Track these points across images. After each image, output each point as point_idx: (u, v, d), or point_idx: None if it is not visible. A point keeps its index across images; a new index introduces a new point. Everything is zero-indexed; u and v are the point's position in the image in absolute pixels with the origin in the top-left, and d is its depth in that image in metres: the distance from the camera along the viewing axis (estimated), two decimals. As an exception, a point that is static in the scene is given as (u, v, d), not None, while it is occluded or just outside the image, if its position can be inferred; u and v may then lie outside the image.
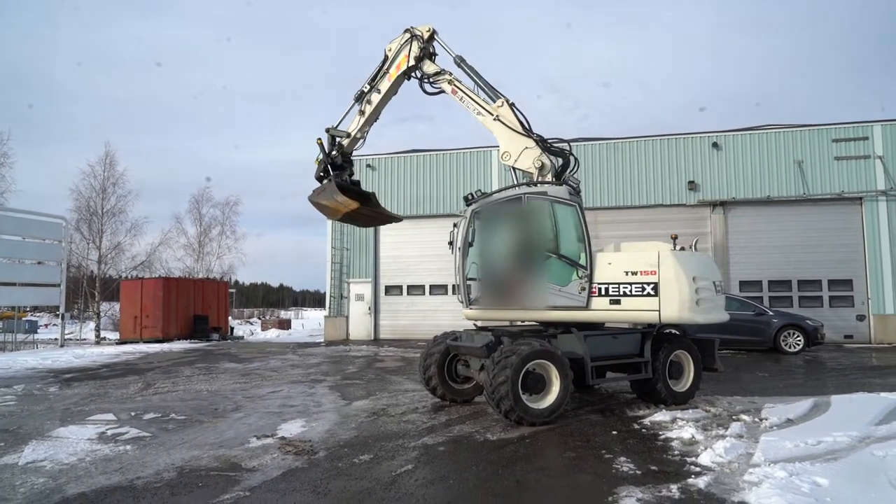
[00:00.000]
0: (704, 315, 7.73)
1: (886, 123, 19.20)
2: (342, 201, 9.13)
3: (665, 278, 7.52)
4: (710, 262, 8.74)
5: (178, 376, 12.20)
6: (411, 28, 9.26)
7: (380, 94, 9.43)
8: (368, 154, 23.18)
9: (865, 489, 4.55)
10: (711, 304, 7.87)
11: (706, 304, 7.72)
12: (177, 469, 5.50)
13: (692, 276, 7.54)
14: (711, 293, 7.89)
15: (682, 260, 7.66)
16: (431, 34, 9.21)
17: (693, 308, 7.54)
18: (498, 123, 8.68)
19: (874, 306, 18.72)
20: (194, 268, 36.24)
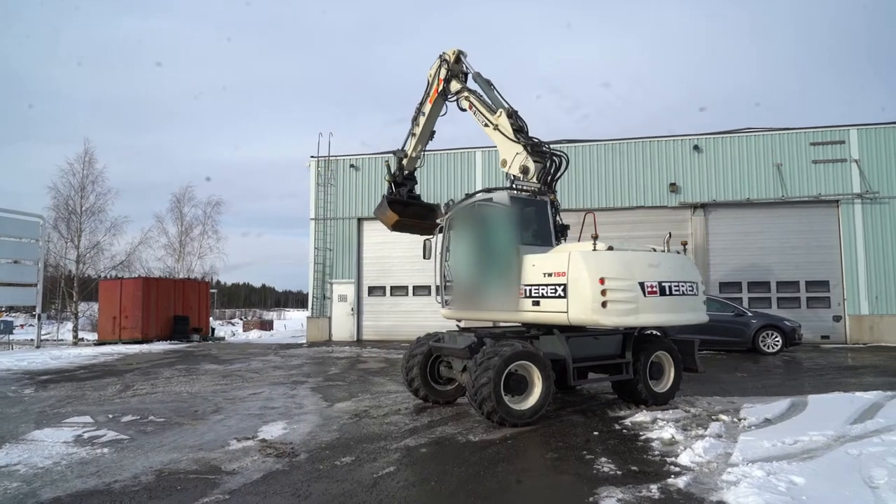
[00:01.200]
0: (614, 317, 7.31)
1: (862, 127, 19.56)
2: (388, 215, 10.71)
3: (571, 279, 7.35)
4: (644, 261, 7.80)
5: (158, 378, 12.05)
6: (442, 53, 10.08)
7: (425, 116, 10.45)
8: (352, 154, 23.11)
9: (840, 487, 4.62)
10: (628, 305, 7.37)
11: (618, 305, 7.29)
12: (155, 472, 5.43)
13: (598, 277, 7.23)
14: (629, 294, 7.38)
15: (590, 261, 7.36)
16: (457, 56, 9.96)
17: (597, 310, 7.19)
18: (497, 133, 9.15)
19: (850, 307, 19.05)
20: (175, 268, 35.82)
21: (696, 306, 8.31)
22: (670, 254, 8.29)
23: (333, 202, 22.88)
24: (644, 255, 7.98)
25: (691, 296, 8.19)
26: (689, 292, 8.16)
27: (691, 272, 8.40)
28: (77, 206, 28.91)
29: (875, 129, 19.50)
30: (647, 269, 7.71)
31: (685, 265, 8.41)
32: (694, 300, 8.24)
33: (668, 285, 7.80)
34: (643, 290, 7.50)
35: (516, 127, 8.96)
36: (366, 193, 22.70)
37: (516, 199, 8.32)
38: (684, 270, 8.24)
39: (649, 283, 7.58)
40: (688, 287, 8.13)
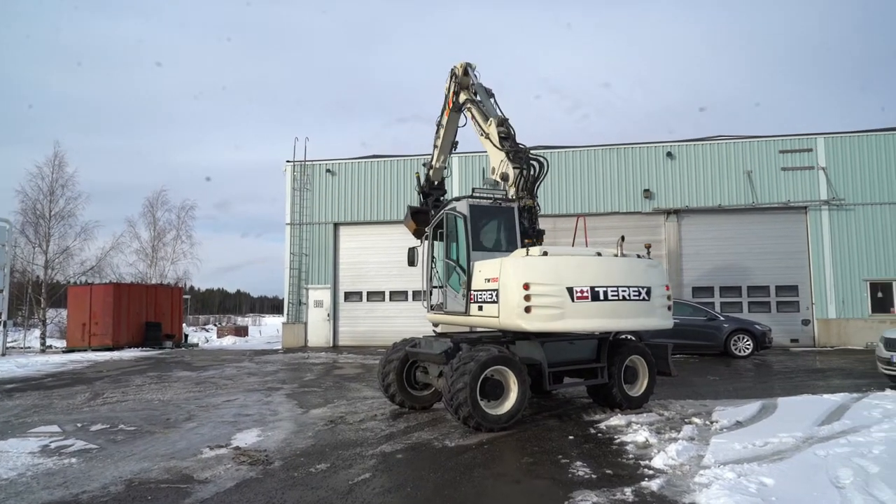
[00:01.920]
0: (537, 322, 7.30)
1: (829, 136, 20.08)
2: (409, 224, 11.12)
3: (502, 285, 7.48)
4: (577, 266, 7.66)
5: (129, 385, 11.82)
6: (452, 67, 10.39)
7: (444, 129, 10.79)
8: (328, 159, 23.01)
9: (808, 488, 4.72)
10: (553, 310, 7.31)
11: (542, 310, 7.28)
12: (125, 482, 5.32)
13: (523, 283, 7.27)
14: (554, 299, 7.31)
15: (518, 267, 7.42)
16: (465, 69, 10.20)
17: (521, 315, 7.23)
18: (487, 140, 9.46)
19: (818, 311, 19.50)
20: (147, 273, 35.16)
21: (648, 311, 7.97)
22: (620, 258, 8.06)
23: (309, 207, 22.73)
24: (580, 259, 7.77)
25: (637, 301, 7.86)
26: (635, 297, 7.83)
27: (643, 276, 8.02)
28: (46, 210, 28.21)
29: (841, 137, 20.04)
30: (580, 274, 7.56)
31: (635, 269, 8.03)
32: (643, 305, 7.91)
33: (604, 290, 7.58)
34: (571, 296, 7.38)
35: (504, 135, 9.12)
36: (342, 198, 22.62)
37: (476, 207, 8.53)
38: (632, 275, 7.93)
39: (579, 287, 7.44)
40: (633, 292, 7.82)
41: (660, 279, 8.25)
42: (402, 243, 23.22)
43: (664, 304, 8.25)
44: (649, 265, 8.26)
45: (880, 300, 19.36)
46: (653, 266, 8.30)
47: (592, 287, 7.52)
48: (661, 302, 8.17)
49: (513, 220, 8.55)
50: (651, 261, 8.40)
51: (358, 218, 22.51)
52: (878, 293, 19.38)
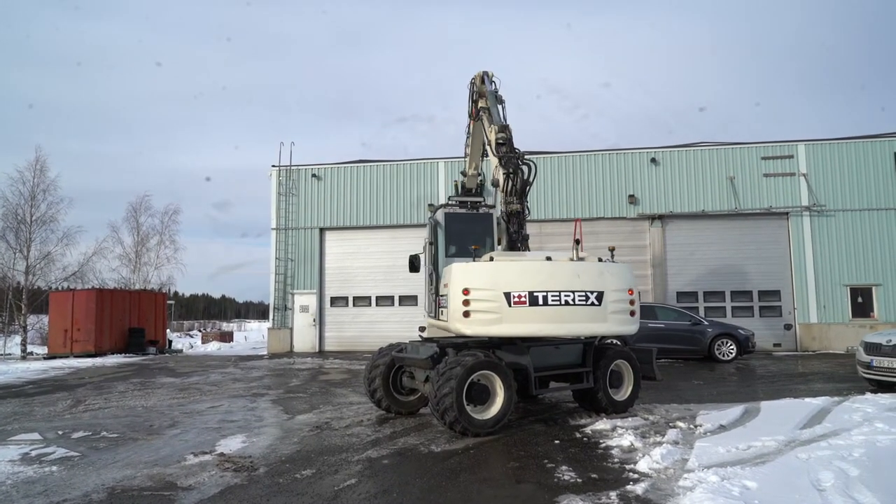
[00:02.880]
0: (476, 327, 7.42)
1: (809, 143, 20.39)
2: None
3: (449, 291, 7.62)
4: (517, 271, 7.66)
5: (111, 392, 11.68)
6: (472, 77, 10.52)
7: (471, 137, 10.91)
8: (314, 164, 22.94)
9: (790, 491, 4.78)
10: (490, 315, 7.40)
11: (480, 315, 7.40)
12: (107, 490, 5.26)
13: (463, 288, 7.43)
14: (491, 304, 7.40)
15: (461, 273, 7.58)
16: (482, 77, 10.32)
17: (461, 320, 7.40)
18: (489, 147, 9.55)
19: (800, 315, 19.75)
20: (130, 279, 34.78)
21: (599, 317, 7.72)
22: (568, 262, 7.89)
23: (295, 212, 22.64)
24: (522, 265, 7.77)
25: (584, 306, 7.66)
26: (581, 302, 7.65)
27: (595, 281, 7.77)
28: (27, 215, 27.84)
29: (822, 144, 20.35)
30: (520, 280, 7.55)
31: (585, 274, 7.79)
32: (592, 310, 7.68)
33: (544, 295, 7.50)
34: (508, 301, 7.41)
35: (502, 141, 9.12)
36: (328, 203, 22.55)
37: (451, 215, 8.77)
38: (580, 279, 7.72)
39: (517, 293, 7.43)
40: (579, 296, 7.64)
41: (618, 283, 7.92)
42: (389, 248, 23.26)
43: (623, 309, 7.90)
44: (606, 269, 7.95)
45: (860, 305, 19.65)
46: (611, 270, 7.97)
47: (531, 292, 7.46)
48: (618, 307, 7.85)
49: (490, 227, 8.59)
50: (611, 264, 8.10)
51: (344, 223, 22.46)
52: (859, 298, 19.67)
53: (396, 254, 21.28)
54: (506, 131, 9.29)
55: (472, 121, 10.76)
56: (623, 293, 7.94)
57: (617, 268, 8.10)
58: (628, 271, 8.19)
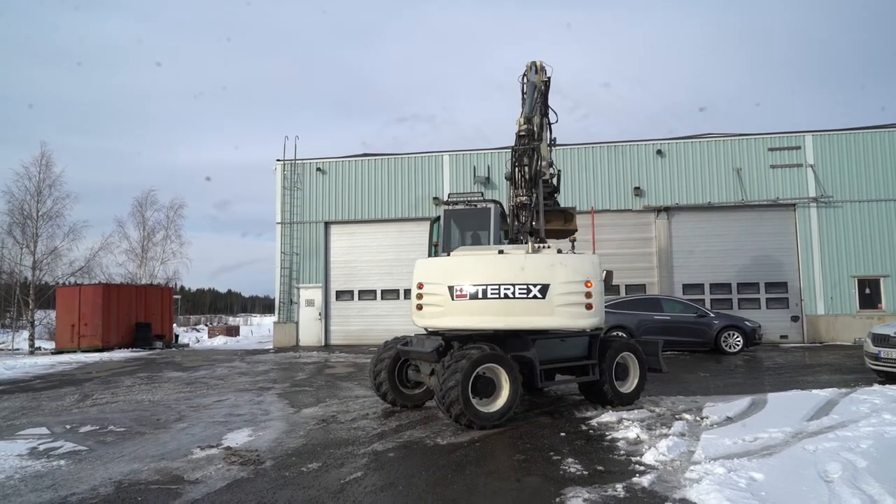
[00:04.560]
0: (426, 320, 7.91)
1: (817, 133, 20.23)
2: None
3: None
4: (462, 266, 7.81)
5: (119, 386, 11.74)
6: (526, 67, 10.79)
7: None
8: (319, 157, 22.94)
9: (797, 482, 4.75)
10: (437, 308, 7.72)
11: (428, 308, 7.79)
12: (115, 484, 5.28)
13: (418, 282, 7.92)
14: (437, 298, 7.72)
15: (419, 268, 8.05)
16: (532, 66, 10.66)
17: (416, 313, 7.94)
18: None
19: (807, 307, 19.65)
20: (137, 273, 34.91)
21: (543, 310, 7.51)
22: (514, 256, 7.75)
23: (300, 206, 22.66)
24: (468, 259, 7.86)
25: (526, 299, 7.51)
26: (521, 295, 7.52)
27: (541, 274, 7.54)
28: (33, 210, 27.94)
29: (829, 135, 20.19)
30: (464, 274, 7.70)
31: (531, 267, 7.60)
32: (535, 304, 7.50)
33: (483, 289, 7.56)
34: (451, 294, 7.65)
35: (523, 132, 9.11)
36: (333, 197, 22.56)
37: (450, 211, 8.78)
38: (524, 273, 7.56)
39: (459, 287, 7.63)
40: (520, 290, 7.52)
41: (570, 275, 7.58)
42: (394, 241, 23.28)
43: (575, 302, 7.57)
44: (557, 261, 7.65)
45: (868, 296, 19.53)
46: (564, 262, 7.66)
47: (473, 286, 7.61)
48: (568, 300, 7.54)
49: (487, 222, 8.51)
50: (566, 256, 7.79)
51: (349, 217, 22.47)
52: (866, 289, 19.56)
53: (402, 247, 21.31)
54: (530, 123, 9.23)
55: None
56: (576, 285, 7.56)
57: (573, 259, 7.77)
58: (587, 263, 7.77)
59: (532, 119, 9.33)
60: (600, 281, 7.77)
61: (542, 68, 10.83)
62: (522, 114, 9.34)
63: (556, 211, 11.94)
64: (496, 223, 8.42)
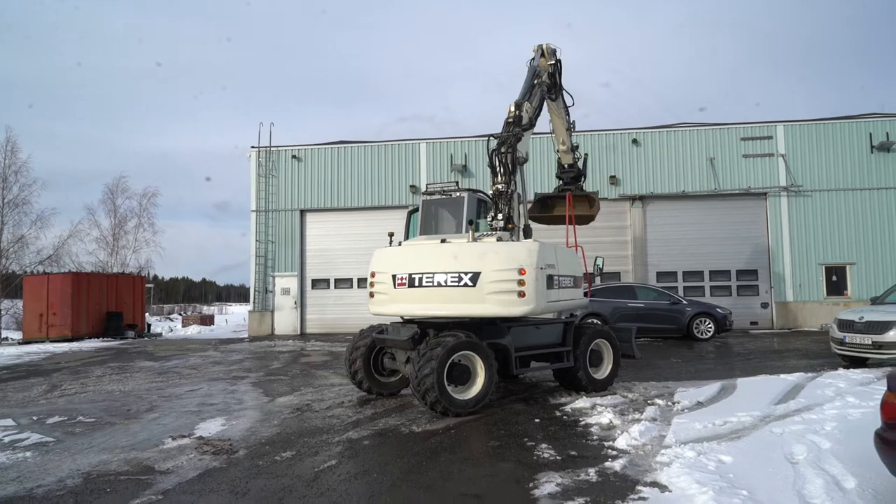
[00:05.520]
0: (376, 307, 8.28)
1: (788, 123, 20.55)
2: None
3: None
4: (404, 255, 8.12)
5: (88, 377, 11.52)
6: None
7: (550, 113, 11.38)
8: (294, 144, 22.64)
9: (764, 464, 4.86)
10: (384, 296, 8.14)
11: (378, 296, 8.23)
12: (83, 475, 5.19)
13: (371, 271, 8.34)
14: (384, 286, 8.10)
15: (374, 257, 8.43)
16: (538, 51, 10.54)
17: (370, 300, 8.34)
18: None
19: (776, 294, 20.06)
20: (108, 262, 34.28)
21: (474, 298, 7.44)
22: (448, 244, 7.83)
23: (275, 193, 22.39)
24: (410, 248, 8.22)
25: (457, 287, 7.50)
26: (453, 283, 7.52)
27: (473, 262, 7.49)
28: (-2, 197, 27.25)
29: (800, 125, 20.53)
30: (405, 263, 8.01)
31: (464, 255, 7.57)
32: (466, 292, 7.46)
33: (419, 277, 7.73)
34: (394, 283, 7.98)
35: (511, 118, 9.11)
36: (309, 184, 22.32)
37: (427, 201, 8.76)
38: (457, 261, 7.57)
39: (400, 275, 7.94)
40: (451, 278, 7.53)
41: (503, 263, 7.43)
42: (370, 230, 23.13)
43: (507, 290, 7.37)
44: (491, 249, 7.58)
45: (835, 283, 20.00)
46: (499, 250, 7.58)
47: (410, 274, 7.86)
48: (499, 287, 7.38)
49: (460, 210, 8.45)
50: (501, 244, 7.71)
51: (325, 205, 22.26)
52: (833, 277, 20.02)
53: (378, 235, 20.99)
54: (519, 109, 9.15)
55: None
56: (508, 273, 7.37)
57: (507, 247, 7.66)
58: (522, 250, 7.58)
59: (522, 105, 9.21)
60: (538, 268, 7.47)
61: (551, 52, 10.55)
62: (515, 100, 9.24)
63: (581, 196, 12.05)
64: (469, 212, 8.34)
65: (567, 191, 12.28)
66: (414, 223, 9.01)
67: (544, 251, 7.75)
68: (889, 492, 4.10)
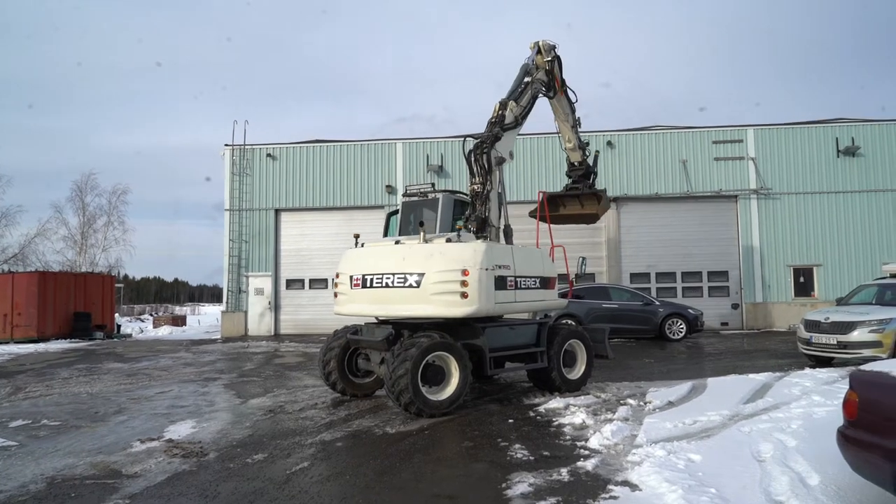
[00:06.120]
0: (338, 307, 8.46)
1: (758, 127, 20.97)
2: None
3: None
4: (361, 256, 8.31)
5: (54, 379, 11.25)
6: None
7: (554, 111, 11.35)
8: (269, 143, 22.41)
9: (732, 462, 4.95)
10: (345, 297, 8.32)
11: (340, 297, 8.43)
12: (46, 480, 5.06)
13: (336, 272, 8.53)
14: (343, 287, 8.32)
15: (342, 257, 8.58)
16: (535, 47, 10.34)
17: (335, 299, 8.53)
18: None
19: (746, 295, 20.44)
20: (76, 261, 33.56)
21: (418, 298, 7.44)
22: (403, 246, 7.93)
23: (249, 192, 22.13)
24: (365, 250, 8.44)
25: (403, 288, 7.55)
26: (399, 284, 7.58)
27: (418, 263, 7.50)
28: (-40, 194, 26.49)
29: (769, 129, 20.96)
30: (360, 264, 8.24)
31: (411, 256, 7.62)
32: (411, 293, 7.48)
33: (371, 278, 7.93)
34: (350, 283, 8.21)
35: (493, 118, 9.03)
36: (284, 183, 22.11)
37: (407, 203, 8.88)
38: (405, 262, 7.62)
39: (356, 276, 8.16)
40: (398, 279, 7.59)
41: (446, 264, 7.36)
42: (346, 229, 22.93)
43: (449, 291, 7.29)
44: (437, 251, 7.53)
45: (802, 285, 20.46)
46: (444, 251, 7.51)
47: (364, 275, 8.06)
48: (441, 288, 7.32)
49: (435, 211, 8.49)
50: (447, 245, 7.62)
51: (300, 204, 22.08)
52: (801, 278, 20.48)
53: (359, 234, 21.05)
54: (504, 108, 9.05)
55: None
56: (451, 274, 7.29)
57: (452, 248, 7.54)
58: (467, 252, 7.43)
59: (507, 104, 9.11)
60: (483, 269, 7.33)
61: (548, 48, 10.21)
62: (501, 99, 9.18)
63: (588, 194, 12.00)
64: (444, 212, 8.35)
65: (575, 189, 12.28)
66: (393, 225, 9.03)
67: (493, 252, 7.63)
68: (851, 488, 4.21)
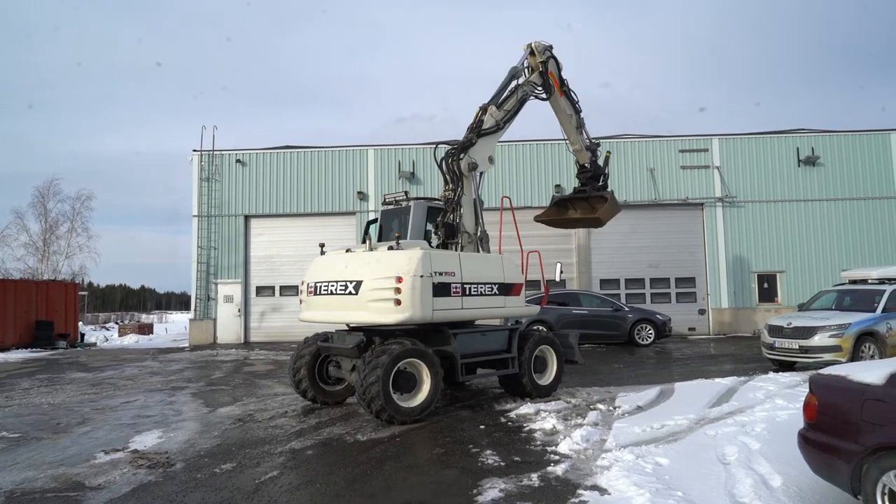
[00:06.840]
0: (301, 313, 8.64)
1: (723, 137, 21.48)
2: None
3: None
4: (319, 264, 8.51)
5: (14, 389, 10.91)
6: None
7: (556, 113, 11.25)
8: (238, 149, 22.15)
9: (698, 465, 5.06)
10: (304, 304, 8.57)
11: (302, 303, 8.64)
12: (4, 494, 4.91)
13: (302, 280, 8.77)
14: (304, 294, 8.56)
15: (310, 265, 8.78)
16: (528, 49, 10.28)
17: (301, 306, 8.69)
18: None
19: (713, 301, 20.87)
20: (38, 269, 32.63)
21: (356, 305, 7.56)
22: (347, 254, 8.25)
23: (219, 198, 21.82)
24: (320, 258, 8.68)
25: (344, 295, 7.73)
26: (340, 292, 7.77)
27: (356, 271, 7.69)
28: (-85, 198, 25.56)
29: (734, 139, 21.49)
30: (315, 272, 8.50)
31: (351, 264, 7.85)
32: (350, 300, 7.64)
33: (320, 286, 8.24)
34: (307, 291, 8.51)
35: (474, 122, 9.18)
36: (253, 189, 21.86)
37: (384, 211, 9.13)
38: (345, 270, 7.84)
39: (311, 283, 8.43)
40: (339, 286, 7.80)
41: (382, 272, 7.42)
42: (317, 236, 22.76)
43: (384, 298, 7.31)
44: (374, 258, 7.68)
45: (766, 290, 20.97)
46: (381, 259, 7.60)
47: (316, 283, 8.33)
48: (376, 295, 7.37)
49: (406, 219, 8.59)
50: (384, 253, 7.70)
51: (270, 210, 21.85)
52: (765, 284, 20.99)
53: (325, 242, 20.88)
54: (484, 112, 9.12)
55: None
56: (385, 281, 7.32)
57: (388, 256, 7.58)
58: (401, 259, 7.40)
59: (488, 108, 9.13)
60: (418, 276, 7.26)
61: (542, 49, 10.12)
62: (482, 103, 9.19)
63: (596, 196, 12.05)
64: (416, 219, 8.43)
65: (582, 191, 12.26)
66: (373, 234, 9.06)
67: (431, 259, 7.49)
68: (811, 489, 4.33)
